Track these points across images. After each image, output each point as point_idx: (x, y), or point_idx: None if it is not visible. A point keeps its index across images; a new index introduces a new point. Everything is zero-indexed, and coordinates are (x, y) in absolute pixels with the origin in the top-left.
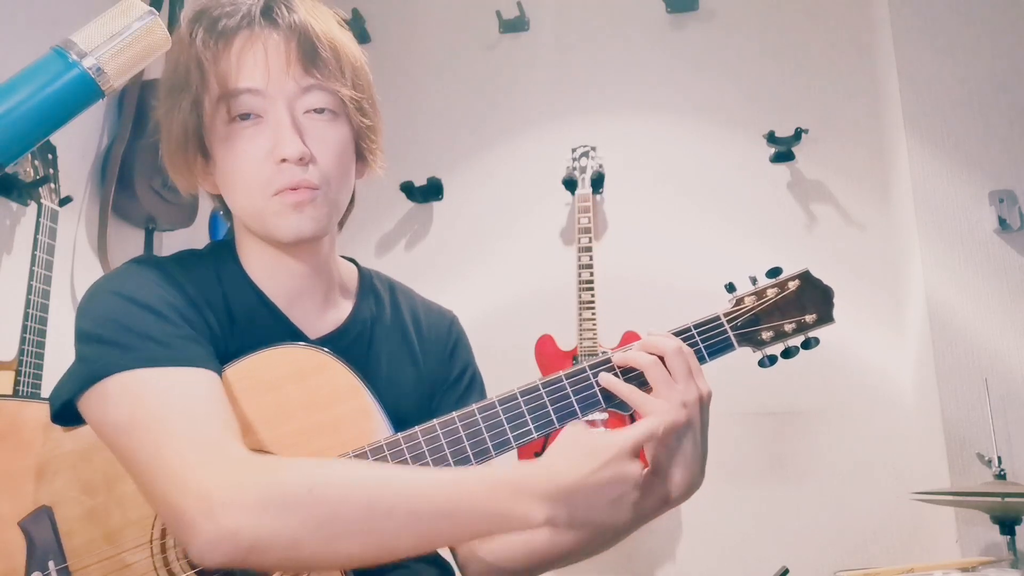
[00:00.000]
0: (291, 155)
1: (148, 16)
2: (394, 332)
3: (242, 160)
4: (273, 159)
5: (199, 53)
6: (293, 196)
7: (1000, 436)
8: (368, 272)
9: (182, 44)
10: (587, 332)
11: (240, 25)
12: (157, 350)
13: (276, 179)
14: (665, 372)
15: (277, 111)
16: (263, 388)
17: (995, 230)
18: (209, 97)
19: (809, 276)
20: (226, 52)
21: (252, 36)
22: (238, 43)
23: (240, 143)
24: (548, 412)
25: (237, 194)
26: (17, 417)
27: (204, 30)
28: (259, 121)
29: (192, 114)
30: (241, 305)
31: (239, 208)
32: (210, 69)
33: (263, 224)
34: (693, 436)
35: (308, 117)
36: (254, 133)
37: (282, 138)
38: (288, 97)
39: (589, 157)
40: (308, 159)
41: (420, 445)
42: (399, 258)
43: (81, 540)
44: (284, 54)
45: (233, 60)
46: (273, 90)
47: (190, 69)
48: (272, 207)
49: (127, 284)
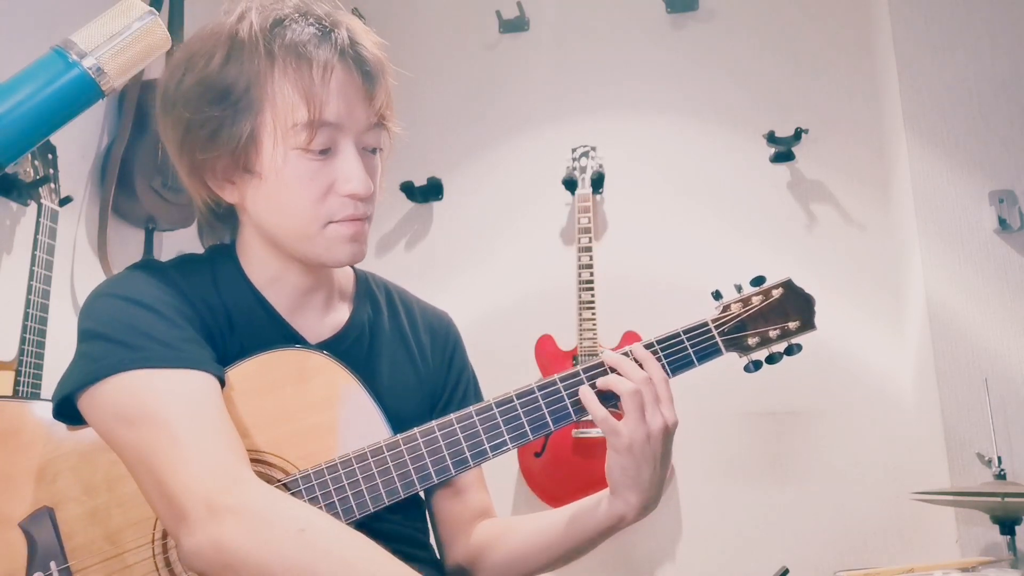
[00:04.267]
0: (363, 193)
1: (148, 16)
2: (393, 335)
3: (306, 187)
4: (338, 191)
5: (285, 71)
6: (351, 228)
7: (1000, 436)
8: (364, 275)
9: (252, 52)
10: (587, 332)
11: (333, 58)
12: (162, 351)
13: (339, 211)
14: (637, 403)
15: (348, 146)
16: (262, 390)
17: (995, 230)
18: (280, 117)
19: (792, 284)
20: (322, 82)
21: (346, 71)
22: (327, 74)
23: (308, 172)
24: (543, 414)
25: (288, 217)
26: (18, 418)
27: (290, 51)
28: (330, 154)
29: (248, 125)
30: (241, 310)
31: (282, 229)
32: (297, 93)
33: (311, 249)
34: (653, 464)
35: (364, 153)
36: (323, 165)
37: (355, 175)
38: (357, 133)
39: (589, 157)
40: (371, 196)
41: (419, 447)
42: (399, 258)
43: (82, 540)
44: (362, 91)
45: (327, 91)
46: (348, 126)
47: (265, 82)
48: (328, 235)
49: (130, 287)
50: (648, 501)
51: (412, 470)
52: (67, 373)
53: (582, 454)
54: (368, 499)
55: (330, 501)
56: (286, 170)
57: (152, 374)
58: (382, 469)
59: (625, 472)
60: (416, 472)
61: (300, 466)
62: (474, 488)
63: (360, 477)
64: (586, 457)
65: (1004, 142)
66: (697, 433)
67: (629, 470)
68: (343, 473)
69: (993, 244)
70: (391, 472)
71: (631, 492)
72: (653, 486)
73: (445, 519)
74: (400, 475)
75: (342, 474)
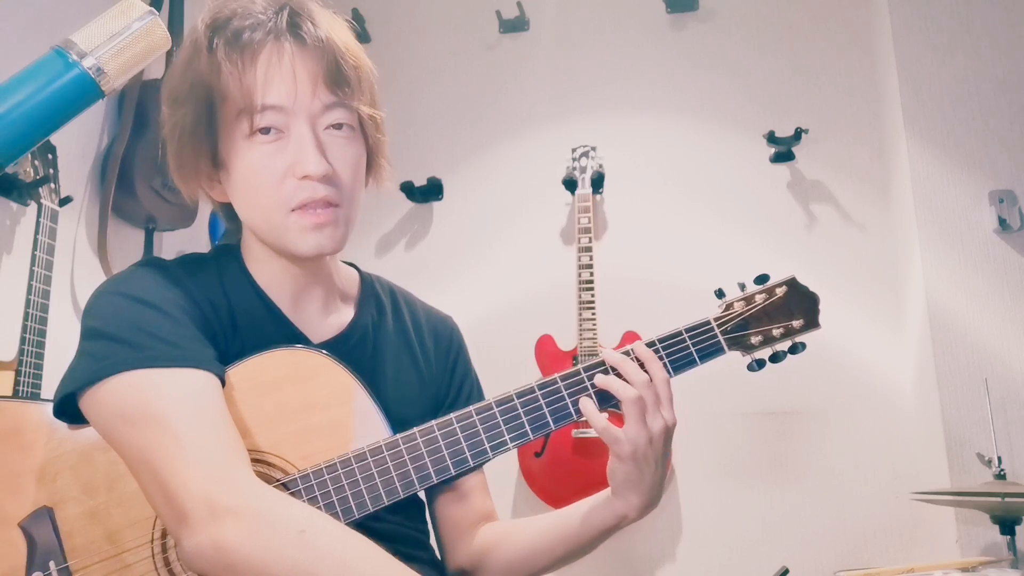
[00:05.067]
0: (315, 172)
1: (148, 16)
2: (396, 336)
3: (261, 175)
4: (294, 175)
5: (221, 64)
6: (313, 217)
7: (1000, 436)
8: (369, 277)
9: (198, 51)
10: (587, 332)
11: (266, 39)
12: (166, 350)
13: (296, 195)
14: (639, 410)
15: (300, 127)
16: (263, 390)
17: (995, 230)
18: (229, 109)
19: (795, 282)
20: (251, 66)
21: (278, 51)
22: (263, 57)
23: (260, 158)
24: (544, 414)
25: (253, 208)
26: (18, 418)
27: (226, 41)
28: (280, 136)
29: (208, 124)
30: (244, 309)
31: (254, 222)
32: (233, 82)
33: (280, 239)
34: (654, 465)
35: (328, 133)
36: (275, 149)
37: (306, 155)
38: (311, 114)
39: (589, 157)
40: (330, 176)
41: (419, 447)
42: (399, 258)
43: (82, 540)
44: (310, 71)
45: (259, 75)
46: (298, 107)
47: (210, 79)
48: (292, 224)
49: (134, 285)
50: (649, 500)
51: (412, 470)
52: (69, 372)
53: (582, 454)
54: (368, 499)
55: (329, 501)
56: (245, 158)
57: (155, 373)
58: (382, 469)
59: (628, 476)
60: (416, 472)
61: (300, 466)
62: (477, 493)
63: (360, 477)
64: (586, 457)
65: (1004, 142)
66: (697, 433)
67: (632, 474)
68: (343, 473)
69: (993, 244)
70: (391, 472)
71: (633, 494)
72: (654, 486)
73: (448, 523)
74: (400, 475)
75: (341, 474)
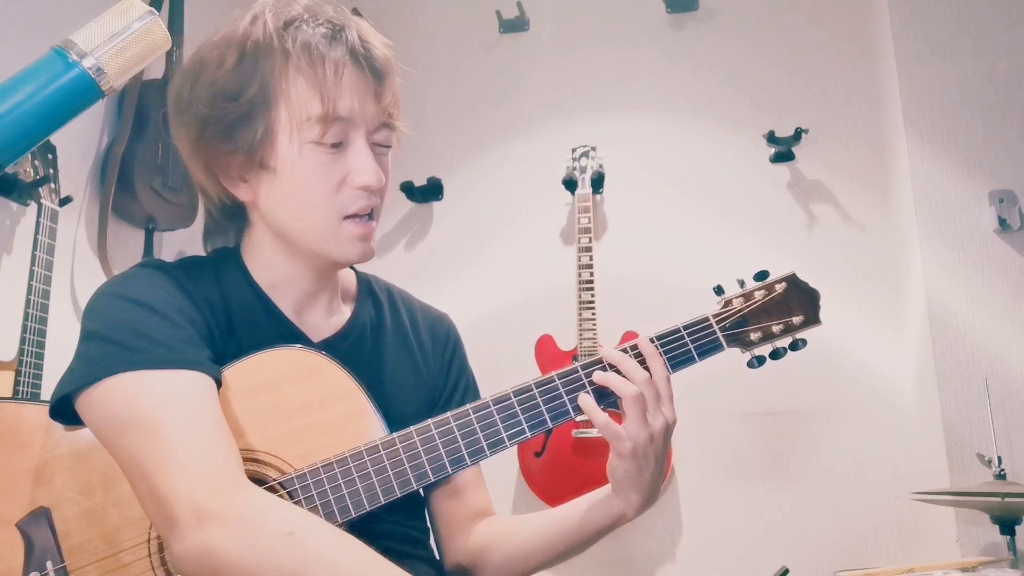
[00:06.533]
0: (375, 184)
1: (148, 16)
2: (394, 335)
3: (320, 181)
4: (351, 184)
5: (300, 69)
6: (363, 227)
7: (1000, 436)
8: (366, 277)
9: (268, 51)
10: (587, 332)
11: (345, 55)
12: (160, 352)
13: (351, 204)
14: (640, 407)
15: (359, 140)
16: (260, 389)
17: (995, 230)
18: (294, 112)
19: (796, 279)
20: (334, 78)
21: (350, 67)
22: (339, 70)
23: (321, 165)
24: (541, 412)
25: (303, 212)
26: (16, 419)
27: (304, 47)
28: (342, 148)
29: (263, 120)
30: (243, 310)
31: (296, 225)
32: (310, 89)
33: (323, 244)
34: (653, 463)
35: (375, 150)
36: (335, 158)
37: (367, 167)
38: (368, 130)
39: (589, 157)
40: (382, 190)
41: (415, 445)
42: (399, 258)
43: (79, 540)
44: (372, 89)
45: (339, 87)
46: (359, 121)
47: (279, 80)
48: (343, 232)
49: (133, 287)
50: (648, 498)
51: (408, 469)
52: (65, 374)
53: (582, 454)
54: (364, 498)
55: (326, 500)
56: (300, 163)
57: (148, 375)
58: (378, 468)
59: (628, 473)
60: (413, 471)
61: (296, 465)
62: (472, 487)
63: (356, 476)
64: (586, 457)
65: (1004, 142)
66: (697, 433)
67: (631, 472)
68: (339, 472)
69: (993, 244)
70: (387, 471)
71: (632, 491)
72: (653, 483)
73: (444, 518)
74: (396, 474)
75: (338, 473)
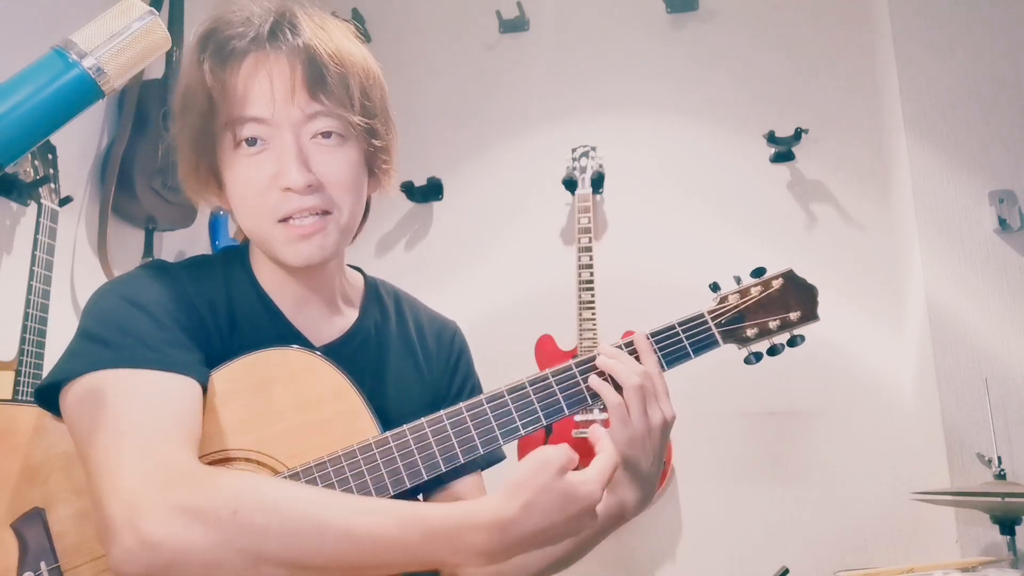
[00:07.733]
0: (295, 184)
1: (148, 16)
2: (399, 340)
3: (247, 186)
4: (277, 186)
5: (205, 78)
6: (298, 229)
7: (1000, 436)
8: (374, 281)
9: (192, 66)
10: (587, 332)
11: (248, 49)
12: (142, 352)
13: (282, 206)
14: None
15: (283, 138)
16: (253, 389)
17: (995, 230)
18: (217, 122)
19: (793, 275)
20: (233, 78)
21: (258, 60)
22: (245, 68)
23: (245, 170)
24: (536, 409)
25: (244, 218)
26: (10, 420)
27: (211, 54)
28: (265, 147)
29: (203, 137)
30: (246, 311)
31: (247, 231)
32: (217, 95)
33: (269, 249)
34: (650, 458)
35: (315, 142)
36: (260, 160)
37: (287, 167)
38: (293, 124)
39: (589, 157)
40: (316, 186)
41: (408, 443)
42: (399, 258)
43: (73, 540)
44: (289, 80)
45: (240, 86)
46: (279, 117)
47: (198, 93)
48: (278, 235)
49: (131, 288)
50: (645, 496)
51: (402, 467)
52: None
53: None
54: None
55: None
56: (231, 171)
57: (122, 373)
58: (371, 466)
59: (624, 468)
60: (406, 469)
61: (289, 465)
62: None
63: (350, 474)
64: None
65: (1004, 142)
66: (697, 433)
67: (628, 466)
68: (332, 471)
69: (993, 244)
70: (380, 469)
71: (629, 488)
72: (649, 481)
73: None
74: (390, 472)
75: (331, 472)
